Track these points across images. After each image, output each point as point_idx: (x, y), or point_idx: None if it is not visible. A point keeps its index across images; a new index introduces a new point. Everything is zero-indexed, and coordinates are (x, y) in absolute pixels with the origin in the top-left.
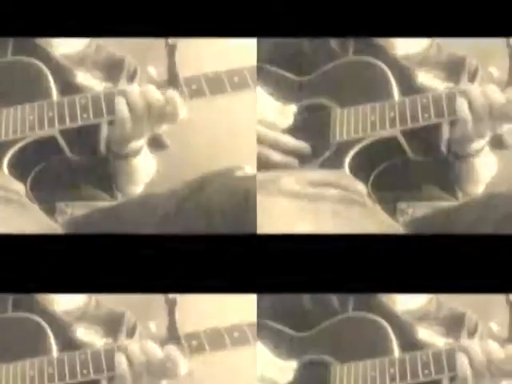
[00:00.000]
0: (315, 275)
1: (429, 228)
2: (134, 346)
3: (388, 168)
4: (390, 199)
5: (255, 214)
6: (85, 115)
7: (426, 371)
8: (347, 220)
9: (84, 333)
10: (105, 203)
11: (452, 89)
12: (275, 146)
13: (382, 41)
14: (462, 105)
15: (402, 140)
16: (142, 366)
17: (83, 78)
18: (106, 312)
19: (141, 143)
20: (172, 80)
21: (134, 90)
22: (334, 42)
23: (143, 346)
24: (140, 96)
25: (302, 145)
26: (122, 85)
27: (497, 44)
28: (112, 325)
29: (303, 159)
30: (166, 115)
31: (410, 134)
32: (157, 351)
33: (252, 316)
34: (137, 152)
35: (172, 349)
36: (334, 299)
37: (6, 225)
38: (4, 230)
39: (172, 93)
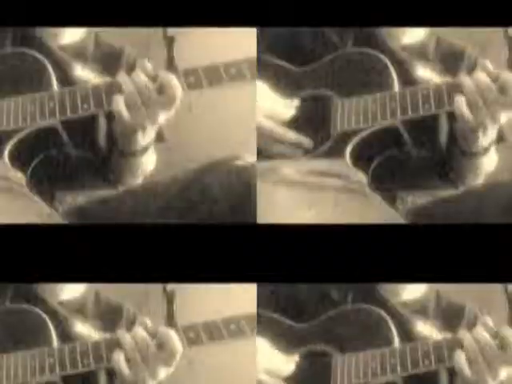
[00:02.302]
0: (315, 265)
1: (429, 218)
2: (132, 337)
3: (388, 158)
4: (391, 189)
5: (255, 203)
6: (85, 105)
7: (427, 361)
8: (348, 210)
9: (83, 325)
10: (105, 192)
11: (451, 80)
12: (276, 138)
13: (381, 31)
14: (459, 97)
15: (403, 130)
16: (140, 357)
17: (83, 69)
18: (105, 304)
19: (148, 141)
20: (170, 72)
21: (127, 79)
22: (333, 33)
23: (141, 337)
24: (132, 84)
25: (302, 139)
26: (122, 76)
27: (494, 34)
28: (111, 317)
29: (304, 149)
30: (163, 97)
31: (410, 124)
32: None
33: (249, 307)
34: (144, 150)
35: (167, 331)
36: (333, 290)
37: (6, 214)
38: (4, 219)
39: (167, 75)
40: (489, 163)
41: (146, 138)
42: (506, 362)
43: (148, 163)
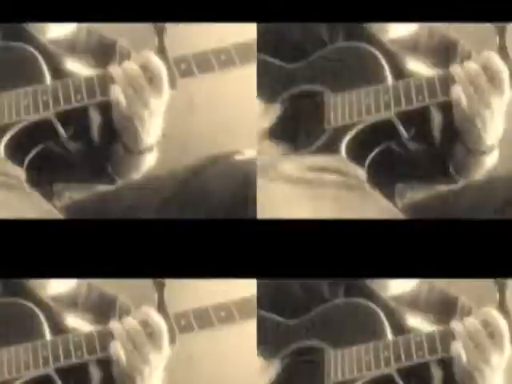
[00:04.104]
0: (315, 260)
1: (428, 212)
2: (124, 327)
3: (385, 152)
4: (388, 183)
5: (255, 198)
6: (78, 97)
7: (420, 353)
8: (346, 205)
9: (76, 317)
10: (103, 187)
11: (443, 71)
12: None
13: (372, 26)
14: (456, 86)
15: (398, 123)
16: (132, 346)
17: (75, 61)
18: (98, 295)
19: (154, 139)
20: (161, 60)
21: (119, 70)
22: (323, 28)
23: (133, 326)
24: (122, 74)
25: None
26: (113, 67)
27: (486, 29)
28: (103, 307)
29: (299, 145)
30: (152, 84)
31: (405, 117)
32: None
33: (240, 293)
34: (151, 148)
35: (158, 320)
36: (324, 285)
37: (5, 210)
38: (3, 215)
39: (151, 60)
40: (491, 159)
41: (150, 135)
42: (498, 349)
43: (151, 160)
